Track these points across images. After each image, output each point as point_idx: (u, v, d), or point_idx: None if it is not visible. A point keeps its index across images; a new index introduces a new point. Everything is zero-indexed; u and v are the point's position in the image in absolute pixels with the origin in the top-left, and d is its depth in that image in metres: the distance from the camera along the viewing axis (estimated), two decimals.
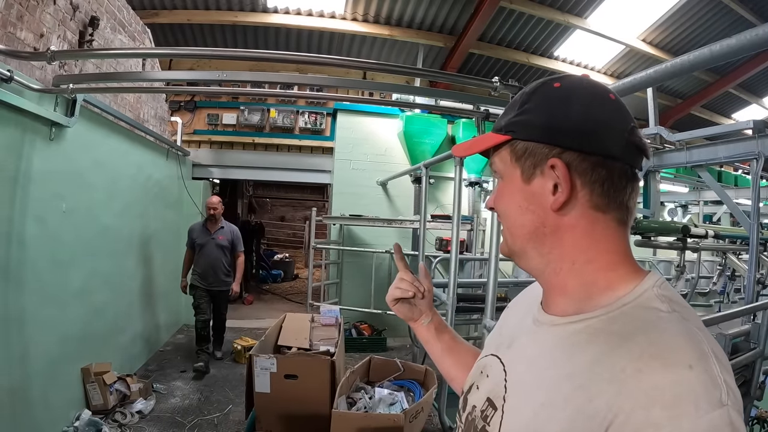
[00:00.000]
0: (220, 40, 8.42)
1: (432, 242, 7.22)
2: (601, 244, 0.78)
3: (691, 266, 6.47)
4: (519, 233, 0.83)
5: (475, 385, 0.95)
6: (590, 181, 0.76)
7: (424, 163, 5.52)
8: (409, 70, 3.69)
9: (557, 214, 0.78)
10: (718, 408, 0.60)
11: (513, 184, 0.83)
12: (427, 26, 8.07)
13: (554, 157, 0.76)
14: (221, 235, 5.87)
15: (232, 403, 4.70)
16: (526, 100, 0.81)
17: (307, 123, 8.25)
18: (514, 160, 0.82)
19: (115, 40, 4.55)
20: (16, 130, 3.21)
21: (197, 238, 5.86)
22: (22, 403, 3.23)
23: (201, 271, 5.77)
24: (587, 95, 0.78)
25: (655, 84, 2.95)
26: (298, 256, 16.30)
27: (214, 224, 5.91)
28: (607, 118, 0.77)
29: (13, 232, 3.19)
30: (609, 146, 0.76)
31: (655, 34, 8.10)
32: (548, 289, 0.85)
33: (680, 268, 4.46)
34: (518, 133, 0.81)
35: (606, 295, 0.76)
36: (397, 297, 1.20)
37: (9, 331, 3.09)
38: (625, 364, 0.65)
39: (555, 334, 0.79)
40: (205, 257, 5.79)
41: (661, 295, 0.74)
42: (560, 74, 0.83)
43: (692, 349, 0.65)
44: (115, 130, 4.77)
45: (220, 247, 5.84)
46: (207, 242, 5.82)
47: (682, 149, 3.89)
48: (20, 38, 3.19)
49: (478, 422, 0.86)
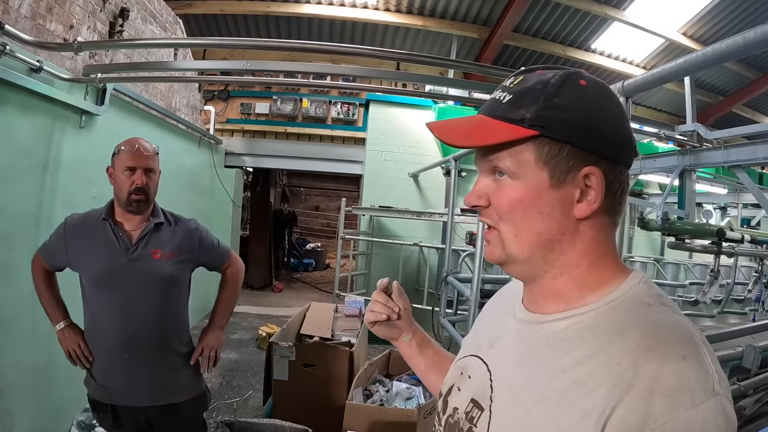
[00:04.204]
0: (254, 30, 8.47)
1: (462, 236, 7.18)
2: (602, 246, 0.78)
3: (728, 272, 6.27)
4: (531, 240, 0.77)
5: (455, 386, 0.93)
6: (614, 191, 0.75)
7: (454, 156, 5.47)
8: (441, 61, 3.63)
9: (577, 222, 0.76)
10: (712, 397, 0.62)
11: (533, 187, 0.75)
12: (461, 17, 7.95)
13: (592, 165, 0.73)
14: (157, 248, 2.13)
15: (253, 389, 4.76)
16: (553, 93, 0.73)
17: (340, 113, 8.27)
18: (542, 161, 0.74)
19: (146, 31, 4.63)
20: (47, 118, 3.30)
21: (87, 259, 2.10)
22: (46, 380, 3.33)
23: (100, 357, 2.16)
24: (614, 101, 0.76)
25: (685, 75, 2.84)
26: (331, 246, 16.41)
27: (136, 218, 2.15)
28: (628, 125, 0.77)
29: (43, 216, 3.29)
30: (631, 156, 0.77)
31: (696, 28, 7.79)
32: (539, 291, 0.82)
33: (714, 272, 4.28)
34: (551, 132, 0.72)
35: (595, 293, 0.76)
36: (371, 320, 1.16)
37: (36, 310, 3.17)
38: (620, 357, 0.65)
39: (543, 332, 0.78)
40: (109, 312, 2.09)
41: (648, 291, 0.75)
42: (573, 69, 0.77)
43: (685, 340, 0.66)
44: (147, 119, 4.87)
45: (155, 280, 2.12)
46: (118, 269, 2.06)
47: (719, 148, 3.74)
48: (50, 30, 3.28)
49: (463, 424, 0.85)
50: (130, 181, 2.05)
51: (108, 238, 2.08)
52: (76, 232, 2.12)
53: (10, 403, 2.97)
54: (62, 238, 2.13)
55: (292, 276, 11.67)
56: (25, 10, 3.03)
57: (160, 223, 2.17)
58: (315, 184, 19.07)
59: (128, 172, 2.05)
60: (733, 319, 6.77)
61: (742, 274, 7.35)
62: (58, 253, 2.14)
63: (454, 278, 5.65)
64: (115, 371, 2.09)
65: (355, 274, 7.82)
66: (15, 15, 2.94)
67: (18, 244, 3.07)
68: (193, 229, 2.29)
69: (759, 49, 2.01)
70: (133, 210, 2.09)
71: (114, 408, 2.11)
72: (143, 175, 2.06)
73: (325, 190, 19.75)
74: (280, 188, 13.44)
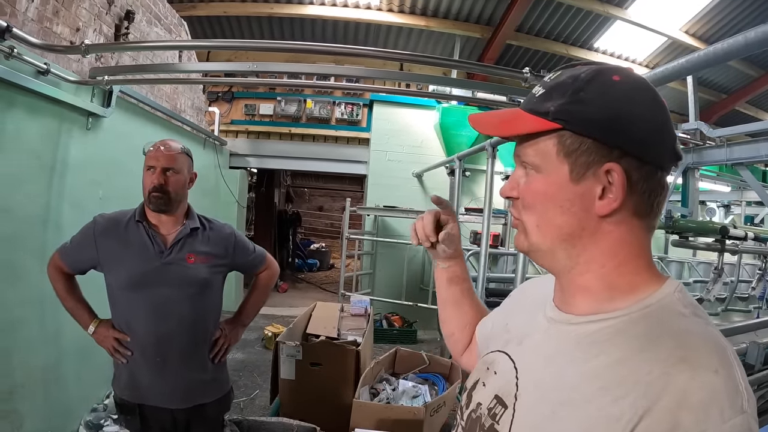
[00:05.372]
0: (257, 32, 8.50)
1: (467, 236, 7.20)
2: (633, 249, 0.76)
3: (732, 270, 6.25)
4: (552, 233, 0.78)
5: (480, 381, 0.92)
6: (640, 191, 0.73)
7: (458, 155, 5.50)
8: (442, 62, 3.64)
9: (599, 219, 0.74)
10: (740, 414, 0.60)
11: (555, 181, 0.76)
12: (464, 17, 7.96)
13: (613, 162, 0.71)
14: (191, 253, 2.14)
15: (259, 389, 4.78)
16: (581, 88, 0.73)
17: (344, 114, 8.30)
18: (563, 154, 0.74)
19: (150, 33, 4.65)
20: (54, 120, 3.33)
21: (119, 260, 2.10)
22: (55, 380, 3.36)
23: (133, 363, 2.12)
24: (649, 98, 0.74)
25: (687, 74, 2.85)
26: (335, 246, 16.43)
27: (170, 221, 2.17)
28: (667, 126, 0.74)
29: (50, 217, 3.32)
30: (663, 157, 0.74)
31: (699, 26, 7.76)
32: (569, 288, 0.81)
33: (718, 270, 4.28)
34: (573, 125, 0.73)
35: (627, 298, 0.75)
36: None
37: (44, 311, 3.22)
38: (651, 366, 0.64)
39: (573, 333, 0.77)
40: (143, 314, 2.08)
41: (683, 300, 0.73)
42: (613, 65, 0.77)
43: (718, 354, 0.65)
44: (152, 120, 4.90)
45: (189, 283, 2.12)
46: (152, 272, 2.07)
47: (722, 146, 3.74)
48: (56, 32, 3.30)
49: (485, 420, 0.84)
50: (150, 180, 2.08)
51: (142, 240, 2.09)
52: (107, 232, 2.11)
53: (19, 403, 2.99)
54: (91, 239, 2.11)
55: (296, 276, 11.69)
56: (31, 14, 3.05)
57: (195, 228, 2.19)
58: (319, 184, 19.08)
59: (149, 171, 2.10)
60: (737, 317, 6.73)
61: (746, 272, 7.30)
62: (86, 253, 2.12)
63: None
64: (146, 372, 2.09)
65: (360, 274, 7.84)
66: (22, 18, 2.96)
67: (25, 245, 3.11)
68: (228, 234, 2.30)
69: (760, 49, 2.03)
70: (153, 208, 2.09)
71: (141, 408, 2.11)
72: (160, 174, 2.07)
73: (329, 191, 19.75)
74: (285, 189, 13.47)
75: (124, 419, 2.16)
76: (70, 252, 2.17)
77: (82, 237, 2.15)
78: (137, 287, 2.05)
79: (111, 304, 2.14)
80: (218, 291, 2.29)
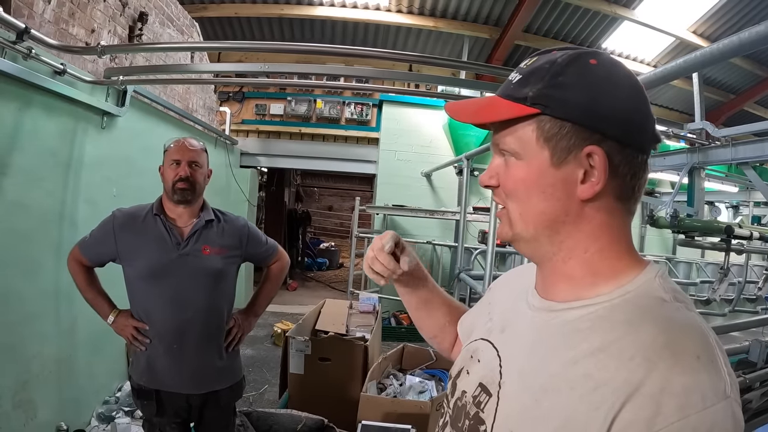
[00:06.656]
0: (267, 32, 8.56)
1: (474, 235, 7.22)
2: (614, 232, 0.76)
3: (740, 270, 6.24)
4: (536, 220, 0.76)
5: (465, 369, 0.92)
6: (622, 174, 0.73)
7: (466, 155, 5.53)
8: (451, 63, 3.69)
9: (582, 203, 0.74)
10: (723, 400, 0.61)
11: (535, 167, 0.75)
12: (472, 17, 7.97)
13: (594, 145, 0.71)
14: (207, 245, 2.24)
15: (268, 384, 4.83)
16: (559, 72, 0.72)
17: (353, 114, 8.34)
18: (543, 139, 0.73)
19: (163, 34, 4.74)
20: (70, 119, 3.41)
21: (138, 252, 2.19)
22: (68, 372, 3.44)
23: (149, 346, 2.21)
24: (628, 81, 0.74)
25: (686, 73, 2.88)
26: (344, 246, 16.47)
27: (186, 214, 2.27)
28: (646, 109, 0.74)
29: (66, 213, 3.40)
30: (644, 139, 0.74)
31: (707, 25, 7.72)
32: (551, 275, 0.81)
33: (723, 270, 4.27)
34: (552, 110, 0.72)
35: (609, 283, 0.74)
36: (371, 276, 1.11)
37: (59, 305, 3.30)
38: (633, 352, 0.64)
39: (556, 320, 0.77)
40: (161, 303, 2.18)
41: (664, 285, 0.73)
42: (590, 49, 0.76)
43: (700, 339, 0.65)
44: (165, 119, 4.98)
45: (206, 274, 2.22)
46: (170, 263, 2.17)
47: (727, 145, 3.74)
48: (72, 34, 3.39)
49: (470, 408, 0.84)
50: (175, 173, 2.17)
51: (160, 233, 2.19)
52: (125, 226, 2.20)
53: (33, 393, 3.07)
54: (111, 232, 2.20)
55: (306, 275, 11.74)
56: (48, 15, 3.13)
57: (210, 220, 2.29)
58: (328, 184, 19.14)
59: (174, 165, 2.19)
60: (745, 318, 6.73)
61: (754, 272, 7.29)
62: (105, 246, 2.20)
63: (466, 275, 5.72)
64: (163, 359, 2.17)
65: None
66: (39, 20, 3.04)
67: (42, 241, 3.19)
68: (241, 226, 2.41)
69: (754, 48, 2.07)
70: (178, 199, 2.19)
71: (158, 393, 2.19)
72: (187, 167, 2.19)
73: (339, 190, 19.81)
74: (294, 188, 13.53)
75: (141, 404, 2.25)
76: (90, 245, 2.25)
77: (101, 231, 2.24)
78: (155, 278, 2.15)
79: (130, 295, 2.23)
80: (232, 281, 2.37)
